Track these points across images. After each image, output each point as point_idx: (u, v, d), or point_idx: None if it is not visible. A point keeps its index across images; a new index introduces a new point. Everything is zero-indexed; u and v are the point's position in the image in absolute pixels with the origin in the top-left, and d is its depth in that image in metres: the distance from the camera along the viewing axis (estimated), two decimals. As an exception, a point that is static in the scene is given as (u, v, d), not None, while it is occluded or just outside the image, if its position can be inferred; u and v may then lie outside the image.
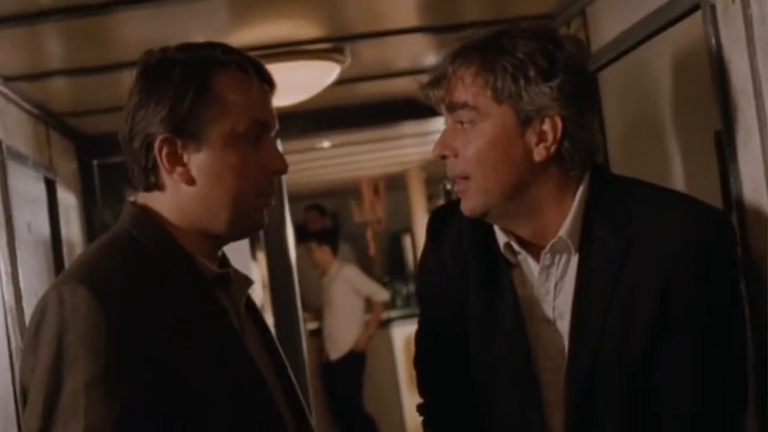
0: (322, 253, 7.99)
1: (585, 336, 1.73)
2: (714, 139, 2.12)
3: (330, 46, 3.54)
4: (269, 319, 4.87)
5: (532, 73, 1.70)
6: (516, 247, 1.80)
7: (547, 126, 1.72)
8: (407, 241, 11.34)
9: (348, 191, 10.70)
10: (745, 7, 1.94)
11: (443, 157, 1.78)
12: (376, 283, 8.56)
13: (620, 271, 1.71)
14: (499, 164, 1.73)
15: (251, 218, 1.70)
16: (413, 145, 7.57)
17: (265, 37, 3.39)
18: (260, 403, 1.64)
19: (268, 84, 1.71)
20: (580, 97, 1.74)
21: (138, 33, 3.08)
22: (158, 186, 1.67)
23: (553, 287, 1.79)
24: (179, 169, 1.65)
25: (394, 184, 10.17)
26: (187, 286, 1.64)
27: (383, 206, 10.33)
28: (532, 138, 1.73)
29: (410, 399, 8.33)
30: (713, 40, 2.09)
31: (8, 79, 3.29)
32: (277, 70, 3.40)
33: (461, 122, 1.74)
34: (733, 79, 2.05)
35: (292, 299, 4.80)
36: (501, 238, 1.82)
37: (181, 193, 1.66)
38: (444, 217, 1.96)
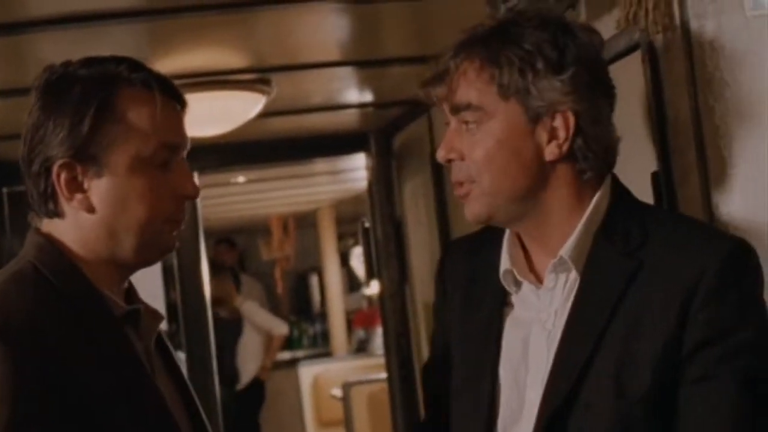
0: (227, 286, 7.95)
1: (568, 364, 1.57)
2: (651, 181, 2.12)
3: (256, 77, 3.50)
4: (182, 354, 4.78)
5: (540, 66, 1.57)
6: (518, 275, 1.66)
7: (558, 122, 1.58)
8: (315, 280, 11.33)
9: (257, 228, 10.63)
10: (687, 47, 1.95)
11: (448, 161, 1.65)
12: (276, 317, 8.52)
13: (623, 294, 1.56)
14: (508, 166, 1.60)
15: (159, 243, 1.59)
16: (325, 183, 7.56)
17: (189, 65, 3.33)
18: None
19: (178, 102, 1.60)
20: (594, 90, 1.60)
21: (55, 56, 2.97)
22: (57, 213, 1.56)
23: (554, 313, 1.63)
24: (78, 196, 1.54)
25: (304, 223, 10.14)
26: (95, 324, 1.53)
27: (292, 244, 10.28)
28: (542, 136, 1.59)
29: (316, 440, 8.28)
30: (652, 80, 2.08)
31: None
32: (202, 99, 3.39)
33: (466, 122, 1.62)
34: (672, 119, 2.04)
35: (206, 333, 4.72)
36: (504, 264, 1.68)
37: (82, 221, 1.55)
38: (454, 248, 1.89)
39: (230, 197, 7.35)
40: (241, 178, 6.35)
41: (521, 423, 1.62)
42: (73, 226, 1.56)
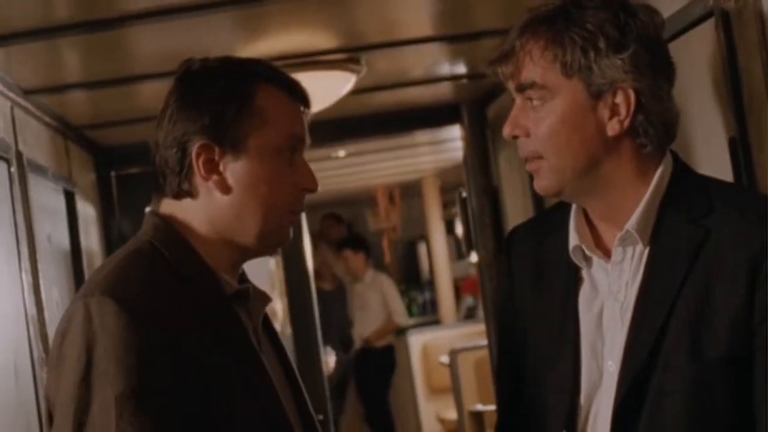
0: (357, 260, 8.09)
1: (644, 329, 1.63)
2: (728, 147, 2.13)
3: (346, 56, 3.56)
4: (287, 329, 4.91)
5: (602, 45, 1.62)
6: (587, 251, 1.72)
7: (620, 99, 1.64)
8: (423, 249, 11.35)
9: (363, 200, 10.71)
10: (758, 13, 1.95)
11: (514, 137, 1.70)
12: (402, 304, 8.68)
13: (694, 261, 1.62)
14: (571, 141, 1.66)
15: (279, 233, 1.70)
16: (428, 153, 7.58)
17: (280, 48, 3.40)
18: (274, 420, 1.63)
19: (304, 104, 1.72)
20: (654, 68, 1.65)
21: (155, 46, 3.12)
22: (191, 193, 1.67)
23: (624, 285, 1.69)
24: (215, 176, 1.65)
25: (410, 192, 10.16)
26: (208, 301, 1.63)
27: (398, 214, 10.34)
28: (604, 112, 1.65)
29: (426, 407, 8.36)
30: (726, 47, 2.10)
31: (27, 93, 3.32)
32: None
33: (531, 100, 1.68)
34: (747, 85, 2.05)
35: (310, 308, 4.83)
36: (573, 240, 1.74)
37: (214, 201, 1.66)
38: (517, 236, 1.93)
39: (332, 171, 7.43)
40: (341, 152, 6.44)
41: (602, 393, 1.69)
42: (203, 206, 1.67)
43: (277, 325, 5.16)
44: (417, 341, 8.53)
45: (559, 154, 1.67)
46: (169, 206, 1.70)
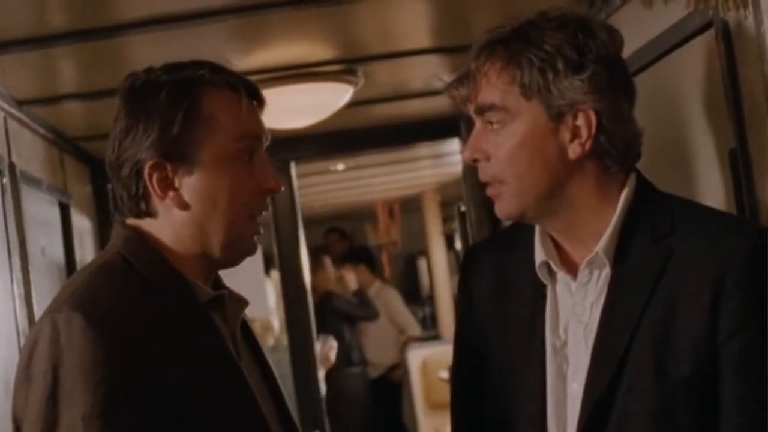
0: (361, 272, 8.06)
1: (607, 351, 1.62)
2: (728, 158, 2.11)
3: (343, 68, 3.55)
4: (284, 341, 4.89)
5: (560, 66, 1.60)
6: (554, 266, 1.70)
7: (580, 121, 1.62)
8: (422, 263, 11.34)
9: (363, 214, 10.70)
10: (758, 23, 1.93)
11: (474, 161, 1.68)
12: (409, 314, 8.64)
13: (657, 281, 1.60)
14: (532, 165, 1.63)
15: (244, 242, 1.66)
16: (428, 167, 7.57)
17: (277, 59, 3.40)
18: (255, 429, 1.60)
19: (257, 100, 1.67)
20: (615, 88, 1.64)
21: (151, 55, 3.05)
22: (149, 213, 1.63)
23: (589, 306, 1.67)
24: (171, 194, 1.60)
25: (409, 207, 10.16)
26: (182, 311, 1.59)
27: (398, 229, 10.33)
28: (565, 135, 1.63)
29: (426, 423, 8.32)
30: (726, 58, 2.07)
31: (21, 103, 3.31)
32: (290, 92, 3.46)
33: (491, 123, 1.65)
34: (747, 96, 2.03)
35: (307, 320, 4.81)
36: (539, 256, 1.71)
37: (174, 217, 1.62)
38: (476, 253, 1.90)
39: (331, 185, 7.43)
40: (340, 166, 6.42)
41: (567, 414, 1.66)
42: (166, 224, 1.62)
43: (272, 339, 5.16)
44: (417, 356, 8.48)
45: (520, 179, 1.65)
46: (134, 221, 1.65)
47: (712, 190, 2.27)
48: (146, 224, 1.64)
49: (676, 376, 1.57)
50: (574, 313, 1.68)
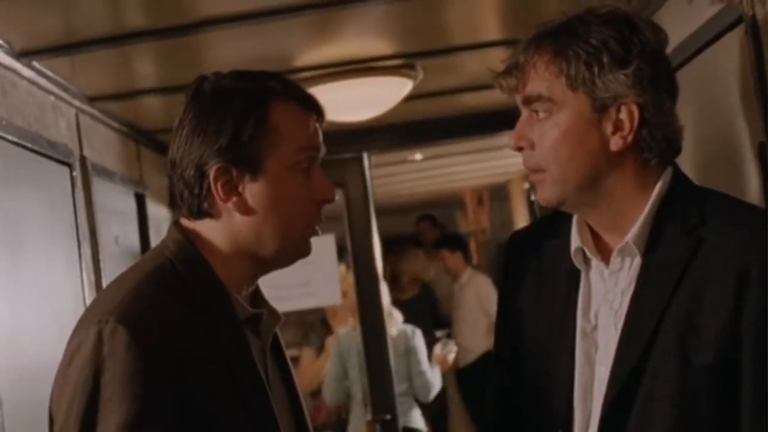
0: (455, 259, 8.07)
1: (634, 337, 1.67)
2: (758, 151, 2.11)
3: (402, 63, 3.60)
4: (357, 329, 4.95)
5: (606, 60, 1.66)
6: (588, 253, 1.76)
7: (623, 114, 1.67)
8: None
9: (453, 201, 10.70)
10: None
11: (519, 149, 1.75)
12: None
13: (685, 271, 1.64)
14: (574, 155, 1.69)
15: (299, 248, 1.72)
16: (512, 155, 7.50)
17: (344, 54, 3.45)
18: None
19: (317, 114, 1.73)
20: (657, 83, 1.69)
21: (227, 51, 3.16)
22: (211, 214, 1.67)
23: (620, 293, 1.72)
24: (234, 198, 1.65)
25: (498, 195, 10.13)
26: (219, 328, 1.63)
27: (488, 216, 10.30)
28: (608, 127, 1.68)
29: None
30: (755, 52, 2.08)
31: (93, 99, 3.41)
32: (352, 86, 3.52)
33: (536, 112, 1.71)
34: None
35: (377, 307, 4.88)
36: (575, 242, 1.77)
37: (235, 221, 1.67)
38: (518, 240, 1.97)
39: (411, 174, 7.46)
40: (418, 155, 6.47)
41: (593, 397, 1.72)
42: (225, 226, 1.67)
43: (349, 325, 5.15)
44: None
45: (562, 168, 1.70)
46: (190, 222, 1.70)
47: (745, 184, 2.27)
48: (202, 225, 1.69)
49: (699, 364, 1.61)
50: (606, 299, 1.74)
